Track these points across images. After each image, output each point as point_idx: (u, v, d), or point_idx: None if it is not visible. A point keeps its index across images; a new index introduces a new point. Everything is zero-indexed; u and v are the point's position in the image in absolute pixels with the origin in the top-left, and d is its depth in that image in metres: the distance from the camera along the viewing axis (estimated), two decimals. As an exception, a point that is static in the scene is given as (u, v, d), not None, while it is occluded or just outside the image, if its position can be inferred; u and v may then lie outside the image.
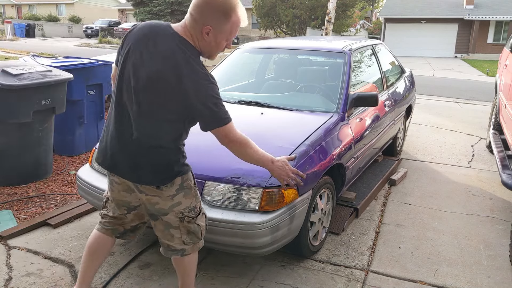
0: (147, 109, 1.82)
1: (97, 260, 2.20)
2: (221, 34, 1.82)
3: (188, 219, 2.01)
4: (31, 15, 40.12)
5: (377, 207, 3.76)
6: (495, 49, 24.31)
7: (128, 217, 2.14)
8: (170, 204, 1.96)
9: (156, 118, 1.83)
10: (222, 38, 1.84)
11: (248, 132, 2.68)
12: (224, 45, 1.88)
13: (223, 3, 1.77)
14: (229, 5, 1.78)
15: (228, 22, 1.80)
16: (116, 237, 2.19)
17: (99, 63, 4.85)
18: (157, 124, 1.84)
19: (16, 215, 3.38)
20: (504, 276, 2.77)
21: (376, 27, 40.73)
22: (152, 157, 1.88)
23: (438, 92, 10.59)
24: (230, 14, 1.79)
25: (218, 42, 1.84)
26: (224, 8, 1.77)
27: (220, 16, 1.78)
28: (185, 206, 1.99)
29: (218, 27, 1.80)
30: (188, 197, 1.99)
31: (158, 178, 1.90)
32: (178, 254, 2.07)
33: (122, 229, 2.17)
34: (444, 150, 5.56)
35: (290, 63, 4.19)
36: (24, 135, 3.83)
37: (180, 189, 1.95)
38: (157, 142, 1.86)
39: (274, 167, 2.01)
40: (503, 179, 3.24)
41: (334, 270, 2.77)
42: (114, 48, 23.18)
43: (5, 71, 3.66)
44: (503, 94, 4.71)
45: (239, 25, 1.86)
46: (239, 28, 1.88)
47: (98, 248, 2.18)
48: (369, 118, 3.70)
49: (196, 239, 2.08)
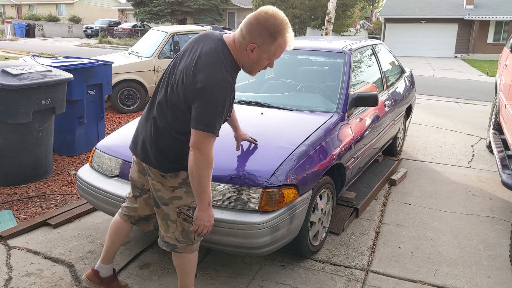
0: (169, 94, 1.94)
1: (117, 240, 2.37)
2: (264, 53, 1.91)
3: (184, 217, 2.05)
4: (31, 15, 40.11)
5: (377, 207, 3.76)
6: (495, 49, 24.30)
7: (138, 202, 2.27)
8: (171, 196, 2.03)
9: (171, 103, 1.93)
10: (265, 58, 1.93)
11: (248, 132, 2.70)
12: (265, 64, 1.97)
13: (273, 25, 1.85)
14: (278, 28, 1.86)
15: (273, 43, 1.88)
16: (132, 223, 2.33)
17: (99, 63, 4.85)
18: (171, 108, 1.93)
19: (16, 215, 3.38)
20: (504, 276, 2.77)
21: (376, 27, 40.73)
22: (160, 140, 1.98)
23: (438, 92, 10.58)
24: (277, 37, 1.87)
25: (260, 61, 1.94)
26: (273, 29, 1.85)
27: (266, 36, 1.86)
28: (185, 202, 2.04)
29: (262, 46, 1.88)
30: (190, 195, 2.03)
31: (161, 163, 2.00)
32: (169, 248, 2.12)
33: (137, 216, 2.31)
34: (444, 150, 5.56)
35: (290, 63, 4.19)
36: (24, 135, 3.83)
37: (183, 184, 2.02)
38: (168, 126, 1.95)
39: (206, 210, 1.94)
40: (503, 179, 3.24)
41: (334, 270, 2.77)
42: (114, 48, 23.18)
43: (5, 71, 3.67)
44: (503, 94, 4.71)
45: (284, 49, 1.93)
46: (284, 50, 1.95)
47: (118, 231, 2.36)
48: (369, 118, 3.70)
49: (188, 240, 2.09)
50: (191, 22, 30.06)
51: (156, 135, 1.99)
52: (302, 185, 2.52)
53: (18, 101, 3.63)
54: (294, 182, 2.47)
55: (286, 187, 2.42)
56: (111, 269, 2.43)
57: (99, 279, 2.39)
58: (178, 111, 1.91)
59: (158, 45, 7.51)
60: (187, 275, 2.19)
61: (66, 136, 4.73)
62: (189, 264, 2.16)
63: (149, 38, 8.10)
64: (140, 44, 8.23)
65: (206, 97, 1.81)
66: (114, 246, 2.39)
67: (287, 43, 1.91)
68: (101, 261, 2.40)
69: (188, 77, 1.85)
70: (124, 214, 2.33)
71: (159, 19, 29.88)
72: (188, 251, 2.12)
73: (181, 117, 1.92)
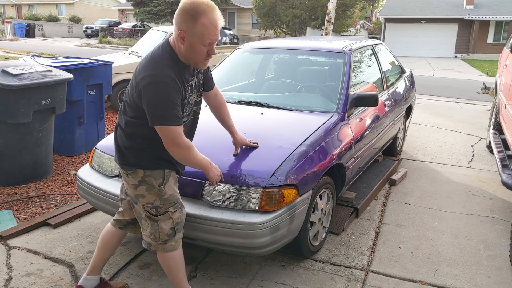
0: (125, 97, 2.10)
1: (107, 251, 2.40)
2: (193, 37, 1.92)
3: (148, 215, 2.12)
4: (31, 15, 40.10)
5: (377, 207, 3.76)
6: (495, 49, 24.29)
7: (123, 205, 2.33)
8: (135, 194, 2.13)
9: (124, 101, 2.09)
10: (197, 43, 1.93)
11: (248, 132, 2.70)
12: (204, 51, 1.96)
13: (191, 7, 1.89)
14: (198, 9, 1.88)
15: (196, 24, 1.89)
16: (120, 228, 2.37)
17: (99, 63, 4.85)
18: (123, 105, 2.09)
19: (16, 215, 3.38)
20: (504, 276, 2.77)
21: (376, 27, 40.72)
22: (116, 134, 2.16)
23: (438, 92, 10.59)
24: (197, 17, 1.89)
25: (194, 48, 1.94)
26: (192, 11, 1.88)
27: (188, 18, 1.89)
28: (148, 200, 2.11)
29: (189, 31, 1.91)
30: (151, 193, 2.10)
31: (118, 157, 2.15)
32: (146, 245, 2.20)
33: (125, 221, 2.35)
34: (444, 150, 5.56)
35: (290, 63, 4.19)
36: (24, 135, 3.83)
37: (142, 182, 2.10)
38: (120, 120, 2.11)
39: (210, 169, 2.17)
40: (503, 179, 3.24)
41: (334, 270, 2.77)
42: (114, 48, 23.19)
43: (5, 71, 3.67)
44: (503, 94, 4.71)
45: (210, 29, 1.91)
46: (214, 33, 1.92)
47: (108, 240, 2.39)
48: (369, 118, 3.70)
49: (158, 238, 2.13)
50: (191, 22, 29.99)
51: (115, 130, 2.19)
52: (302, 185, 2.52)
53: (18, 101, 3.63)
54: (294, 182, 2.47)
55: (286, 187, 2.42)
56: (98, 279, 2.42)
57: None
58: (126, 105, 2.06)
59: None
60: (172, 271, 2.22)
61: (66, 136, 4.73)
62: (171, 260, 2.19)
63: (149, 38, 8.11)
64: (140, 44, 8.23)
65: (151, 95, 1.90)
66: (104, 257, 2.40)
67: (212, 22, 1.90)
68: (87, 273, 2.40)
69: (134, 77, 1.99)
70: (114, 220, 2.39)
71: (159, 19, 29.85)
72: (161, 249, 2.16)
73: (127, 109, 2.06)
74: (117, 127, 2.15)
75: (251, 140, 2.66)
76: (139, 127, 2.03)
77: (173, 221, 2.14)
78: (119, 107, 2.15)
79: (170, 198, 2.13)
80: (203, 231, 2.34)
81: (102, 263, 2.41)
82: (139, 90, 1.93)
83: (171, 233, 2.14)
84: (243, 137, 2.61)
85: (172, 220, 2.14)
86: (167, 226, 2.13)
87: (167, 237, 2.14)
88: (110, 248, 2.40)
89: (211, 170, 2.17)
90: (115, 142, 2.17)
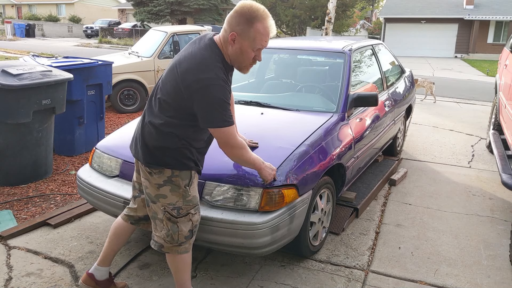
0: (160, 91, 2.04)
1: (118, 243, 2.40)
2: (245, 41, 1.94)
3: (168, 216, 2.08)
4: (31, 15, 40.09)
5: (377, 207, 3.76)
6: (495, 49, 24.29)
7: (137, 202, 2.30)
8: (156, 193, 2.08)
9: (161, 99, 2.01)
10: (248, 47, 1.96)
11: (248, 132, 2.70)
12: (251, 55, 1.99)
13: (249, 11, 1.92)
14: (254, 14, 1.92)
15: (251, 28, 1.92)
16: (131, 223, 2.36)
17: (99, 63, 4.85)
18: (158, 103, 2.02)
19: (16, 215, 3.38)
20: (504, 276, 2.77)
21: (376, 27, 40.73)
22: (145, 132, 2.06)
23: (438, 92, 10.57)
24: (254, 22, 1.92)
25: (244, 51, 1.97)
26: (249, 15, 1.91)
27: (243, 22, 1.92)
28: (170, 201, 2.07)
29: (242, 34, 1.93)
30: (175, 194, 2.06)
31: (145, 156, 2.06)
32: (156, 246, 2.16)
33: (137, 216, 2.34)
34: (444, 150, 5.56)
35: (290, 63, 4.19)
36: (24, 135, 3.83)
37: (168, 182, 2.05)
38: (153, 118, 2.02)
39: (264, 168, 2.25)
40: (503, 179, 3.24)
41: (334, 270, 2.77)
42: (114, 48, 23.18)
43: (5, 71, 3.67)
44: (503, 94, 4.71)
45: (264, 36, 1.95)
46: (266, 39, 1.97)
47: (118, 232, 2.38)
48: (369, 118, 3.70)
49: (173, 240, 2.11)
50: (191, 22, 30.05)
51: (142, 127, 2.09)
52: (302, 185, 2.52)
53: (18, 101, 3.63)
54: (294, 182, 2.47)
55: (286, 187, 2.41)
56: (108, 272, 2.43)
57: (95, 282, 2.39)
58: (165, 104, 1.99)
59: (158, 45, 7.51)
60: (180, 272, 2.21)
61: (66, 136, 4.73)
62: (180, 262, 2.18)
63: (149, 38, 8.10)
64: (140, 44, 8.23)
65: (208, 97, 1.89)
66: (114, 249, 2.41)
67: (266, 29, 1.95)
68: (98, 263, 2.41)
69: (183, 78, 1.92)
70: (125, 214, 2.37)
71: (159, 19, 29.86)
72: (174, 251, 2.13)
73: (165, 108, 1.99)
74: (145, 126, 2.06)
75: (251, 140, 2.66)
76: (179, 127, 1.99)
77: (192, 223, 2.13)
78: (148, 105, 2.09)
79: (193, 200, 2.11)
80: (203, 231, 2.34)
81: (113, 254, 2.42)
82: (190, 92, 1.90)
83: (189, 235, 2.13)
84: (243, 137, 2.61)
85: (191, 222, 2.12)
86: (187, 228, 2.11)
87: (185, 239, 2.12)
88: (121, 241, 2.41)
89: (264, 169, 2.24)
90: (141, 140, 2.08)
